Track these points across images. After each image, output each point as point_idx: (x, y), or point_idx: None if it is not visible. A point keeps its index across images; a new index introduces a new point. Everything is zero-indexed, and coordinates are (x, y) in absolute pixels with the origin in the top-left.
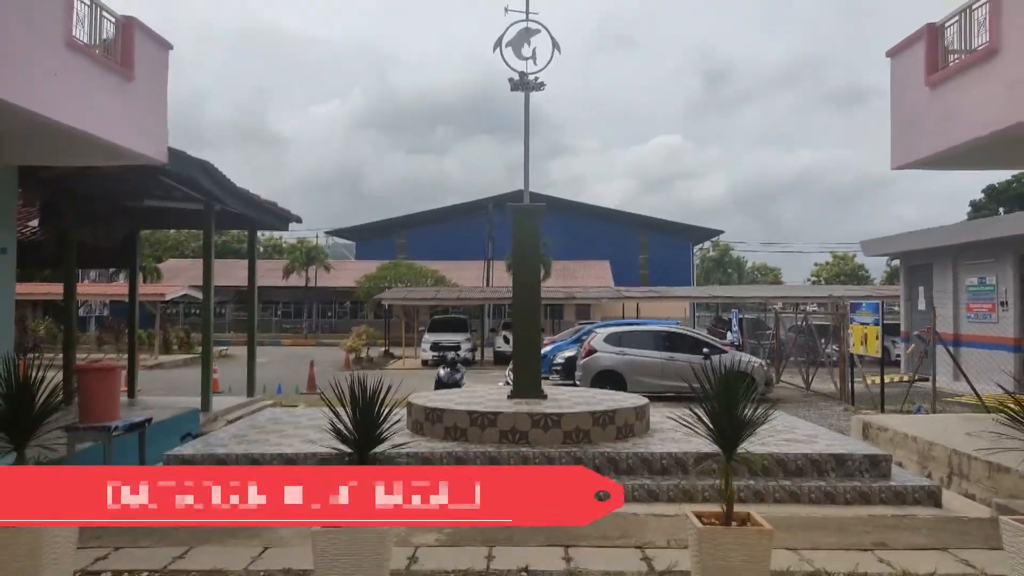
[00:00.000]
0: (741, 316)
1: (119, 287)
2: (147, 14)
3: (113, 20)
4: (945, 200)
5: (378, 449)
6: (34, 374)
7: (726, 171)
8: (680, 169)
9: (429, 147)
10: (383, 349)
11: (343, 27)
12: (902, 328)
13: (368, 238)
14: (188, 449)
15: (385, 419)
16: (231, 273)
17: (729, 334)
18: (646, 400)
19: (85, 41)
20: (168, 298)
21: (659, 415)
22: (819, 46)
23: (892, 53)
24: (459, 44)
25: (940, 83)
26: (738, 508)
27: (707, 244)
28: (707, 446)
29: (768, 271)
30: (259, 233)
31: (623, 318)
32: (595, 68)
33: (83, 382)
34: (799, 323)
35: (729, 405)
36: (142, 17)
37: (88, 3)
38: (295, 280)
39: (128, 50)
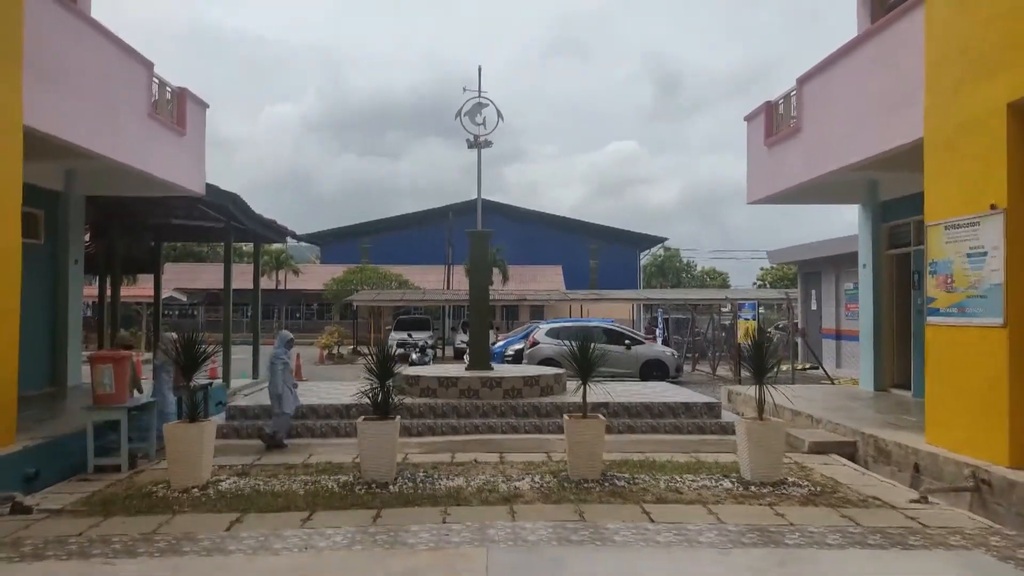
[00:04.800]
0: (667, 316)
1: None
2: (95, 13)
3: (171, 90)
4: None
5: (389, 381)
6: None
7: (680, 176)
8: (635, 174)
9: (382, 149)
10: (351, 347)
11: (296, 29)
12: (799, 325)
13: (333, 243)
14: (242, 402)
15: (395, 364)
16: (200, 277)
17: (657, 330)
18: (563, 370)
19: (153, 103)
20: None
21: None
22: (768, 53)
23: (747, 119)
24: (414, 48)
25: (772, 145)
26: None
27: (657, 249)
28: (595, 397)
29: (716, 275)
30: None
31: (570, 317)
32: (553, 74)
33: None
34: (710, 322)
35: (583, 353)
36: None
37: (157, 81)
38: (265, 283)
39: (182, 113)
